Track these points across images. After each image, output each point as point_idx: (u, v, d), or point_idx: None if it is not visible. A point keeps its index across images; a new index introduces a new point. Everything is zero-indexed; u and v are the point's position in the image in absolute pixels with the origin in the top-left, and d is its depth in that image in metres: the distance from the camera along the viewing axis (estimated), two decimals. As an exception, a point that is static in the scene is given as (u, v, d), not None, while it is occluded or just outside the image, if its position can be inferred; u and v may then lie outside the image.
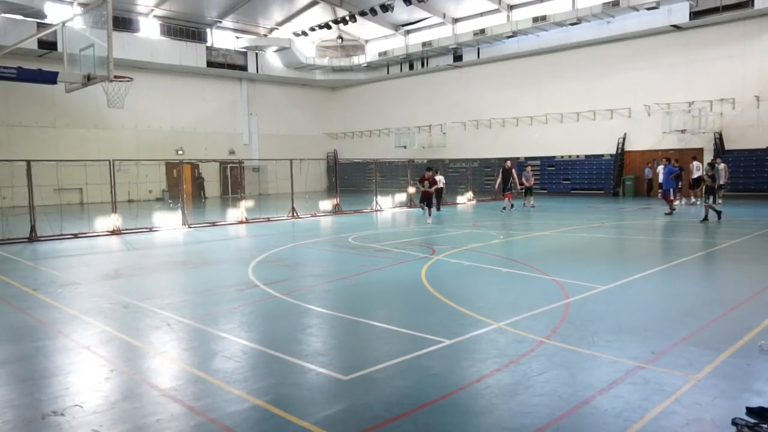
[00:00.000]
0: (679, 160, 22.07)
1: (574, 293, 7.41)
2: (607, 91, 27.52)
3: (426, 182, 17.53)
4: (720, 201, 18.73)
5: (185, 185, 22.25)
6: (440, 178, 20.74)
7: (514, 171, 20.85)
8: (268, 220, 18.58)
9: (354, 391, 4.48)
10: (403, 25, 35.37)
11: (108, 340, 5.92)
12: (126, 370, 5.06)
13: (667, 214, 17.65)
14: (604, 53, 27.55)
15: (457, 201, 25.82)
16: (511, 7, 30.51)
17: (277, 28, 36.03)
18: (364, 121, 39.35)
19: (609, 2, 24.69)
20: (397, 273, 9.20)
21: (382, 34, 36.43)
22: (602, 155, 28.25)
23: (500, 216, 18.79)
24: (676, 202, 19.35)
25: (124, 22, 29.93)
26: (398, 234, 15.00)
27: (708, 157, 24.74)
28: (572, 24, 26.72)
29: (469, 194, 26.75)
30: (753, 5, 22.29)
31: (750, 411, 3.78)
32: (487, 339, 5.64)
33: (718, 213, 15.67)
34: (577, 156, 29.25)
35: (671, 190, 18.76)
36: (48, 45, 25.37)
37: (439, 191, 20.60)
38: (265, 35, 36.22)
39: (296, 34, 34.72)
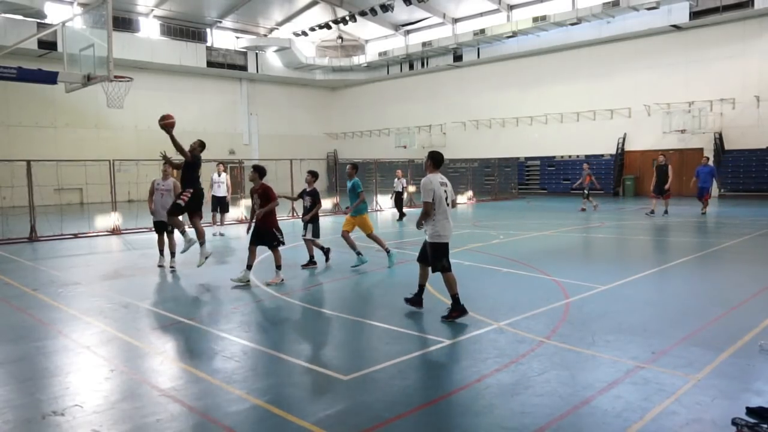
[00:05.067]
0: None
1: (574, 293, 7.41)
2: (607, 91, 27.52)
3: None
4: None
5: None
6: (402, 181, 19.08)
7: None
8: (268, 220, 18.56)
9: (354, 391, 4.48)
10: (403, 25, 35.37)
11: (108, 340, 5.92)
12: (126, 370, 5.06)
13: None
14: (604, 53, 27.55)
15: (457, 201, 25.77)
16: (511, 7, 30.52)
17: (277, 28, 36.03)
18: (364, 121, 39.35)
19: (609, 2, 24.69)
20: (397, 273, 9.19)
21: (382, 34, 36.43)
22: (602, 155, 28.25)
23: (500, 216, 18.78)
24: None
25: (124, 22, 29.92)
26: (398, 234, 14.99)
27: (708, 158, 24.79)
28: (572, 24, 26.73)
29: (469, 194, 26.77)
30: (753, 5, 22.30)
31: (750, 411, 3.78)
32: (487, 339, 5.64)
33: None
34: (577, 156, 29.24)
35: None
36: (48, 45, 25.36)
37: (399, 195, 18.65)
38: (265, 35, 36.22)
39: (296, 34, 34.73)
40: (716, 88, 24.17)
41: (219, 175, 14.99)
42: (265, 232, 8.51)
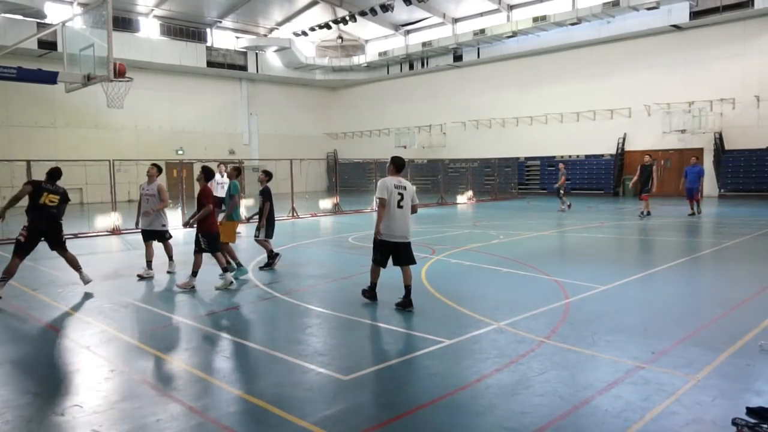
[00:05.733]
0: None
1: (574, 293, 7.41)
2: (607, 91, 27.52)
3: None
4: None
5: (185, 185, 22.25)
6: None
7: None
8: (268, 220, 18.56)
9: (354, 391, 4.48)
10: (403, 25, 35.37)
11: (108, 340, 5.92)
12: (126, 370, 5.06)
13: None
14: (604, 53, 27.56)
15: (457, 201, 25.84)
16: (511, 7, 30.52)
17: (277, 28, 36.04)
18: (364, 121, 39.35)
19: (609, 2, 24.70)
20: (397, 273, 9.17)
21: (382, 34, 36.44)
22: (602, 155, 28.25)
23: (500, 216, 18.79)
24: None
25: (124, 22, 29.93)
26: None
27: (708, 158, 24.80)
28: (572, 24, 26.73)
29: (469, 194, 26.77)
30: (753, 5, 22.31)
31: (750, 411, 3.78)
32: (487, 339, 5.64)
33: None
34: (577, 156, 29.24)
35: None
36: (48, 45, 25.36)
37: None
38: (265, 35, 36.23)
39: (296, 34, 34.73)
40: (716, 88, 24.18)
41: (222, 176, 14.52)
42: (196, 236, 8.34)
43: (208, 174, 8.56)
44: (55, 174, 8.34)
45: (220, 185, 14.46)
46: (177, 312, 7.05)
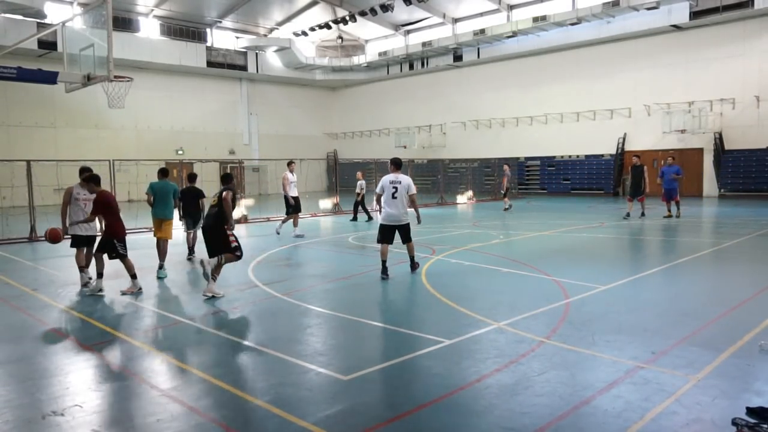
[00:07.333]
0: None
1: (574, 293, 7.41)
2: (607, 91, 27.53)
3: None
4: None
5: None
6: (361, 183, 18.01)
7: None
8: (268, 219, 18.56)
9: (354, 391, 4.48)
10: (403, 25, 35.37)
11: (108, 341, 5.92)
12: (126, 370, 5.06)
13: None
14: (604, 53, 27.56)
15: (457, 201, 25.85)
16: (511, 7, 30.53)
17: (277, 28, 36.04)
18: (364, 121, 39.35)
19: (609, 2, 24.70)
20: (397, 273, 9.19)
21: (382, 34, 36.44)
22: (602, 155, 28.26)
23: (500, 216, 18.78)
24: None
25: (124, 22, 29.94)
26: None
27: (708, 158, 24.80)
28: (572, 24, 26.74)
29: (469, 194, 26.78)
30: (753, 5, 22.31)
31: (750, 411, 3.79)
32: (487, 339, 5.63)
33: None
34: (577, 156, 29.25)
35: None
36: (48, 45, 25.38)
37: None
38: (265, 35, 36.23)
39: (296, 34, 34.74)
40: (716, 88, 24.18)
41: (293, 175, 14.31)
42: (106, 241, 8.02)
43: (96, 180, 8.08)
44: None
45: (293, 183, 14.28)
46: (177, 312, 7.05)
